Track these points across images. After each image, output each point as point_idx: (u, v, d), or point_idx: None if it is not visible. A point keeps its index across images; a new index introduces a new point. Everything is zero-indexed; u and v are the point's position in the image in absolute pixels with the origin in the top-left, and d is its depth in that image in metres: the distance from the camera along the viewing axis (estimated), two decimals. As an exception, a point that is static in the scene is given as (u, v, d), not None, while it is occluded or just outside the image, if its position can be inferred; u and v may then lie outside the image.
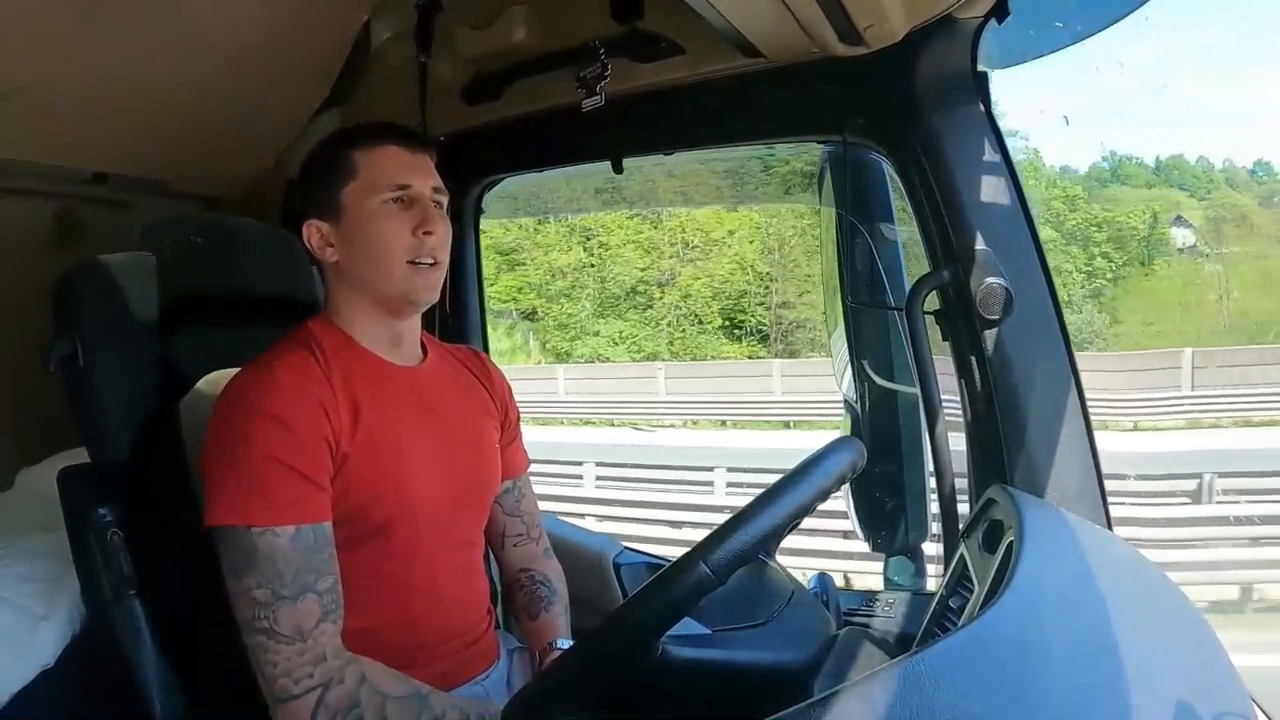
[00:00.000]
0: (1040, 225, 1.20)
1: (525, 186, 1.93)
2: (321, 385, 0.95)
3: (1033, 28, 1.22)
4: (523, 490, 1.22)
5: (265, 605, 0.87)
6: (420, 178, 1.02)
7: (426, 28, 1.52)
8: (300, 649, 0.87)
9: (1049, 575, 0.84)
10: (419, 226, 0.99)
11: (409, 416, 1.02)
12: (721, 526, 0.77)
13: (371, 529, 0.97)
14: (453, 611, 1.05)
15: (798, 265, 19.44)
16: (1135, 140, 34.23)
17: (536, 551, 1.22)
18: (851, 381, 1.60)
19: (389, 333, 1.04)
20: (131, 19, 1.21)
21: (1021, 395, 1.15)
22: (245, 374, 0.96)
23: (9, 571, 1.29)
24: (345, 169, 1.01)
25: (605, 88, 1.32)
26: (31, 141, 1.37)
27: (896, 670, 0.62)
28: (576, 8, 1.37)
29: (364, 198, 1.00)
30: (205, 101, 1.45)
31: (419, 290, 1.01)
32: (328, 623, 0.89)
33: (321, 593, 0.89)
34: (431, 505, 1.02)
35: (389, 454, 0.98)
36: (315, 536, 0.90)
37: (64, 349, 1.06)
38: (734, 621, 1.03)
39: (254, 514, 0.88)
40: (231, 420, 0.92)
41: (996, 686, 0.65)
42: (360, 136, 1.03)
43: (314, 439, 0.92)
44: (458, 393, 1.12)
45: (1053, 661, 0.70)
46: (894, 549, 1.61)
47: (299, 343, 1.00)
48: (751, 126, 1.39)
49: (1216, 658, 0.85)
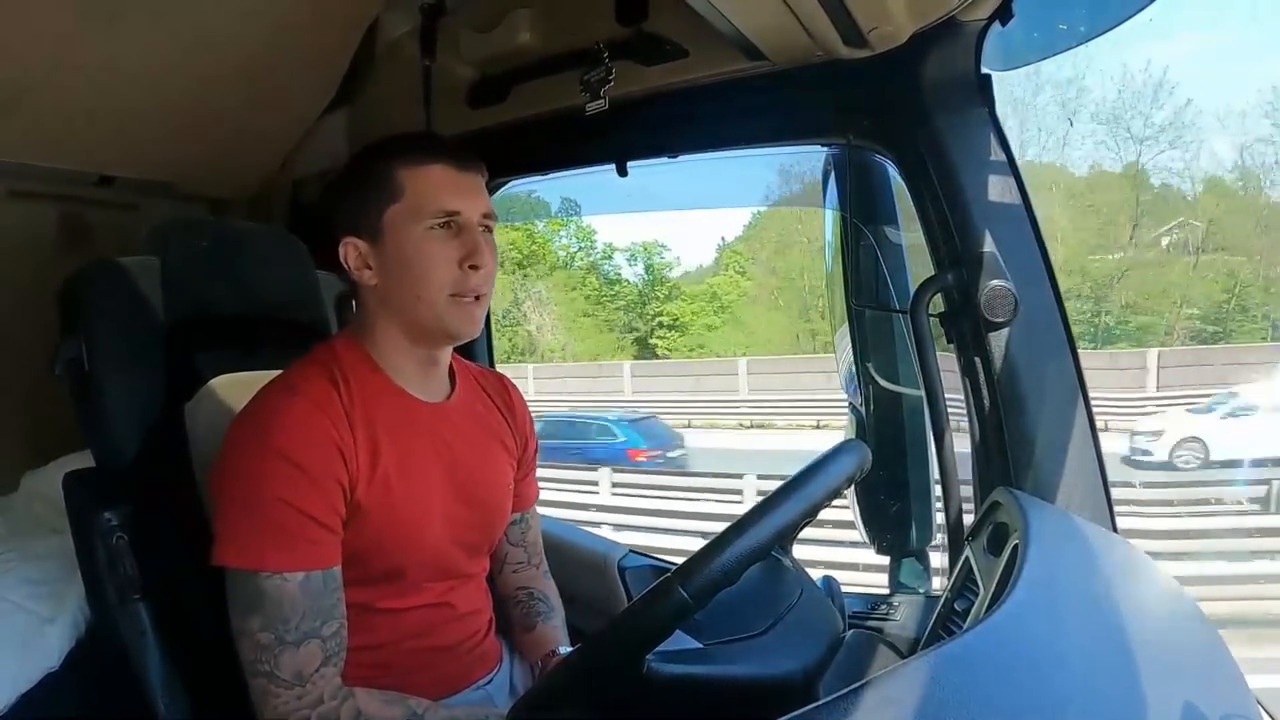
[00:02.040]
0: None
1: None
2: (340, 424, 0.92)
3: (1036, 30, 1.22)
4: (529, 522, 1.21)
5: (268, 649, 0.86)
6: (470, 202, 0.96)
7: (431, 30, 1.52)
8: (299, 693, 0.87)
9: (1054, 578, 0.83)
10: (466, 259, 0.94)
11: (428, 459, 1.00)
12: (725, 530, 0.77)
13: (378, 572, 0.96)
14: (454, 626, 1.05)
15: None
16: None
17: (536, 574, 1.22)
18: (856, 384, 1.60)
19: (421, 364, 1.01)
20: (137, 22, 1.22)
21: (1026, 398, 1.15)
22: (264, 401, 0.93)
23: (14, 574, 1.30)
24: (389, 187, 0.95)
25: (609, 91, 1.32)
26: (38, 144, 1.38)
27: (902, 672, 0.62)
28: (581, 10, 1.36)
29: (408, 222, 0.94)
30: (211, 104, 1.45)
31: (460, 326, 0.96)
32: (329, 667, 0.89)
33: (325, 638, 0.88)
34: (436, 554, 1.01)
35: (403, 502, 0.96)
36: (325, 582, 0.89)
37: (70, 352, 1.06)
38: (734, 630, 1.02)
39: (264, 559, 0.87)
40: (247, 453, 0.89)
41: (1002, 689, 0.65)
42: (406, 151, 0.96)
43: (329, 483, 0.90)
44: (480, 429, 1.09)
45: (1058, 664, 0.70)
46: (899, 552, 1.61)
47: (322, 367, 0.96)
48: (756, 129, 1.39)
49: (1222, 660, 0.85)
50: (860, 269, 1.49)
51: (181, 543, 1.02)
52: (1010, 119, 15.02)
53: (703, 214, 35.73)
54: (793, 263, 23.38)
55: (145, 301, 1.12)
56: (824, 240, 1.64)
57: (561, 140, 1.52)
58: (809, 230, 21.41)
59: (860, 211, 1.45)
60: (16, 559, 1.33)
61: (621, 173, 1.50)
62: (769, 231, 24.58)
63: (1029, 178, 1.18)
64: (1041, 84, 20.23)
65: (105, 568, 1.03)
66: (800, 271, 22.56)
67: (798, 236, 23.03)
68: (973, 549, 1.05)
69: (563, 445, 11.07)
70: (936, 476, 1.26)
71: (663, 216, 33.65)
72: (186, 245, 1.18)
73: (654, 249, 25.54)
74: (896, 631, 1.33)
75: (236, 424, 0.92)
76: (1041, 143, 21.50)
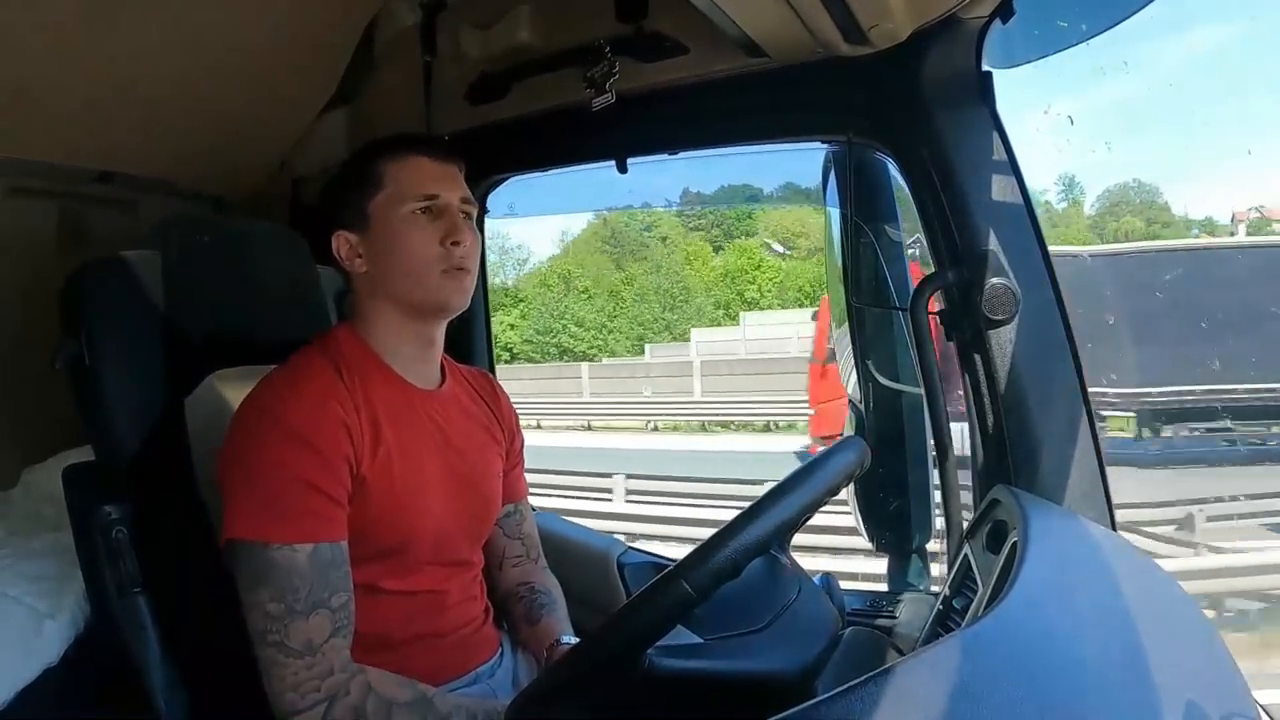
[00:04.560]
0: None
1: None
2: (345, 403, 0.95)
3: (1037, 28, 1.22)
4: (524, 513, 1.23)
5: (277, 619, 0.87)
6: (448, 188, 1.02)
7: (431, 27, 1.53)
8: (309, 663, 0.87)
9: (1053, 576, 0.83)
10: (447, 236, 1.00)
11: (425, 443, 1.03)
12: (725, 528, 0.77)
13: (376, 551, 0.97)
14: (451, 612, 1.06)
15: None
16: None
17: (535, 569, 1.23)
18: (856, 382, 1.60)
19: (415, 346, 1.05)
20: (137, 19, 1.22)
21: (1026, 396, 1.15)
22: (269, 384, 0.96)
23: (14, 570, 1.30)
24: (373, 180, 1.01)
25: (615, 85, 1.32)
26: (38, 141, 1.38)
27: (901, 669, 0.62)
28: (581, 7, 1.36)
29: (392, 208, 1.00)
30: (211, 101, 1.45)
31: (451, 294, 1.01)
32: (338, 638, 0.89)
33: (334, 609, 0.89)
34: (437, 533, 1.02)
35: (403, 481, 0.98)
36: (332, 554, 0.90)
37: (71, 347, 1.06)
38: (733, 625, 1.02)
39: (272, 530, 0.88)
40: (254, 433, 0.92)
41: (1000, 687, 0.65)
42: (388, 148, 1.03)
43: (336, 457, 0.92)
44: (469, 420, 1.13)
45: (1057, 661, 0.70)
46: (899, 549, 1.61)
47: (323, 353, 1.00)
48: (756, 127, 1.39)
49: (1221, 658, 0.85)
50: (860, 266, 1.50)
51: (181, 537, 1.02)
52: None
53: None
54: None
55: (146, 297, 1.13)
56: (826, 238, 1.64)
57: (562, 137, 1.52)
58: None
59: (861, 209, 1.45)
60: (16, 555, 1.34)
61: (622, 169, 1.50)
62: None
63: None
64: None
65: (105, 562, 1.03)
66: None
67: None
68: (972, 547, 1.05)
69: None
70: (936, 473, 1.26)
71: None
72: (188, 241, 1.18)
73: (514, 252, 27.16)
74: (895, 629, 1.33)
75: (244, 407, 0.95)
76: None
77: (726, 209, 25.52)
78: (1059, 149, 13.71)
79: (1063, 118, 8.34)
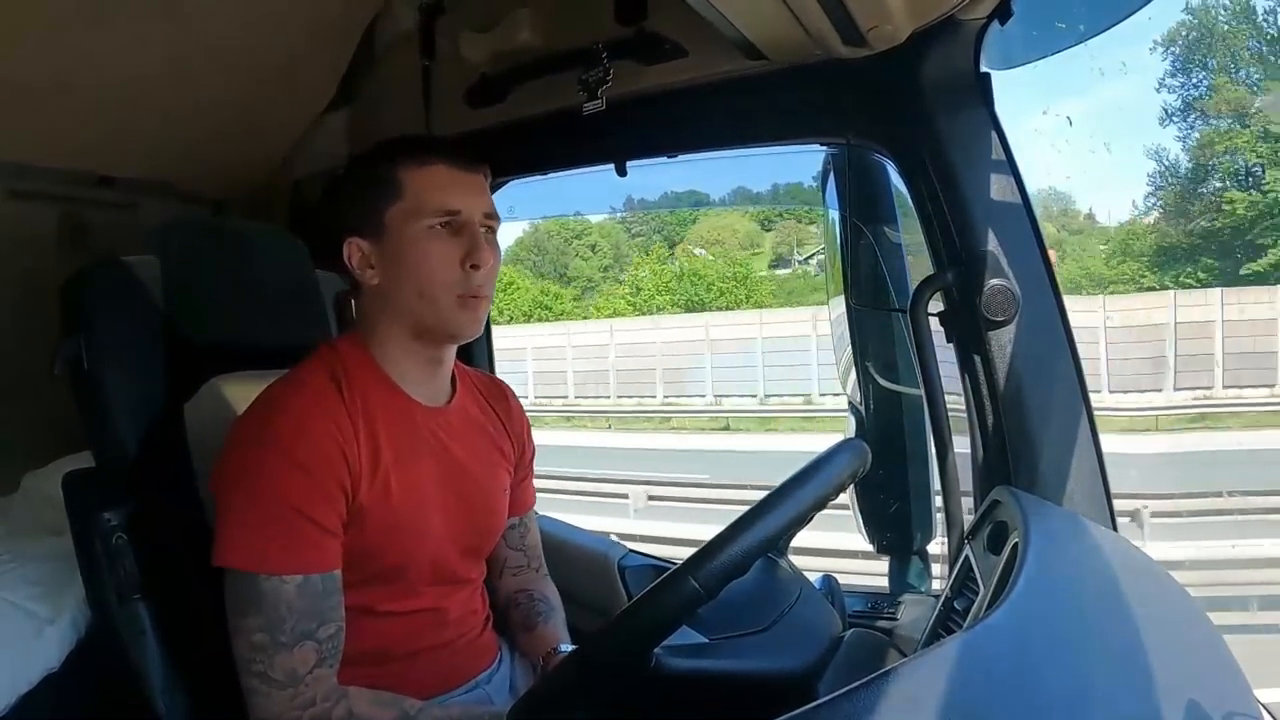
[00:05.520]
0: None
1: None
2: (344, 425, 0.92)
3: (1036, 29, 1.22)
4: (528, 525, 1.21)
5: (262, 649, 0.86)
6: (471, 201, 0.96)
7: (430, 30, 1.52)
8: (291, 694, 0.86)
9: (1054, 577, 0.83)
10: (467, 258, 0.94)
11: (426, 463, 1.00)
12: (725, 530, 0.77)
13: (373, 573, 0.96)
14: (451, 627, 1.05)
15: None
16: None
17: (535, 577, 1.22)
18: (855, 383, 1.60)
19: (423, 366, 1.01)
20: (137, 22, 1.22)
21: (1026, 396, 1.15)
22: (268, 402, 0.93)
23: (14, 575, 1.30)
24: (390, 187, 0.95)
25: (606, 91, 1.31)
26: (38, 145, 1.38)
27: (902, 671, 0.62)
28: (580, 10, 1.36)
29: (409, 220, 0.94)
30: (211, 104, 1.45)
31: (464, 324, 0.97)
32: (323, 668, 0.88)
33: (321, 640, 0.88)
34: (435, 555, 1.01)
35: (401, 505, 0.96)
36: (324, 585, 0.89)
37: (70, 351, 1.06)
38: (736, 626, 1.02)
39: (263, 561, 0.86)
40: (250, 454, 0.89)
41: (1002, 687, 0.65)
42: (407, 152, 0.97)
43: (331, 486, 0.90)
44: (478, 435, 1.09)
45: (1058, 663, 0.70)
46: (899, 551, 1.61)
47: (325, 367, 0.97)
48: (755, 128, 1.38)
49: (1222, 658, 0.85)
50: (859, 268, 1.50)
51: (181, 542, 1.02)
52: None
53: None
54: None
55: (146, 301, 1.12)
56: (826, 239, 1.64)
57: (561, 140, 1.52)
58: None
59: (859, 210, 1.45)
60: (17, 560, 1.33)
61: (621, 172, 1.50)
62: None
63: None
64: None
65: (105, 568, 1.03)
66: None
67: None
68: (972, 548, 1.05)
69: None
70: (936, 474, 1.26)
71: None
72: (187, 245, 1.18)
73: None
74: (897, 630, 1.33)
75: (239, 424, 0.92)
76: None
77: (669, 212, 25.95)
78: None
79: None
